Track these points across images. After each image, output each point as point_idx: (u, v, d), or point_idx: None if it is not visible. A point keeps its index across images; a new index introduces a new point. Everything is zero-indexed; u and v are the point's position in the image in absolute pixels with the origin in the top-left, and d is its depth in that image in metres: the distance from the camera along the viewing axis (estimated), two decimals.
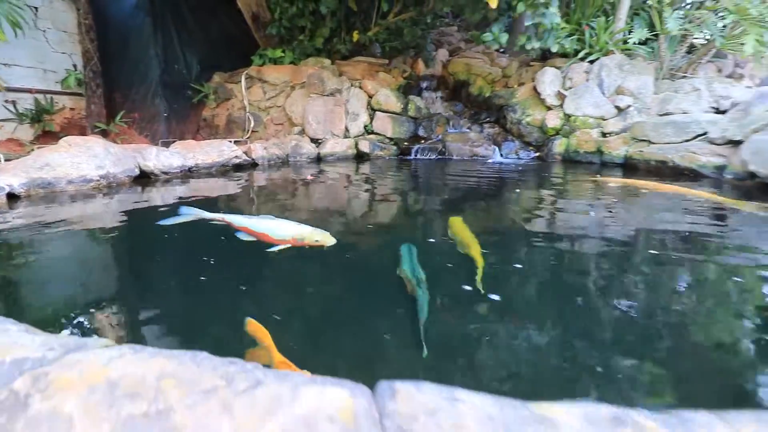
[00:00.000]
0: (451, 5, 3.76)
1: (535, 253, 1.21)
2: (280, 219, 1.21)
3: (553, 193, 2.09)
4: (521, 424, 0.33)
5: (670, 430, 0.34)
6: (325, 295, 0.95)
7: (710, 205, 1.66)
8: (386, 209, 1.88)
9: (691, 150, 2.36)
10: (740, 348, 0.74)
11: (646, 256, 1.17)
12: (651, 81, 3.24)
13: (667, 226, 1.45)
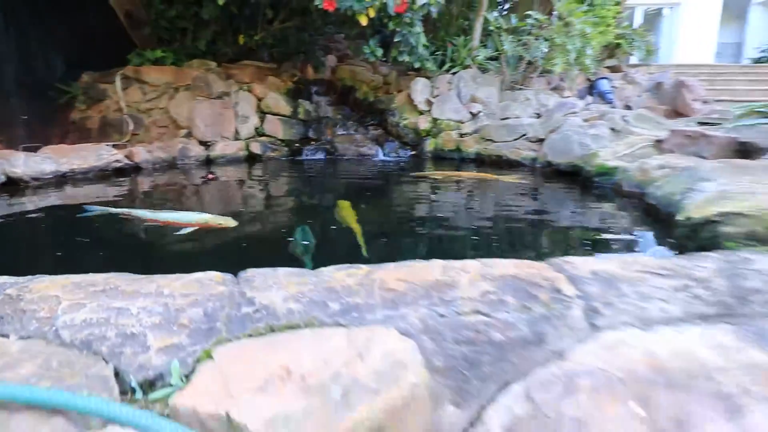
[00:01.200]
0: (330, 20, 4.16)
1: (399, 224, 1.66)
2: (183, 211, 1.45)
3: (406, 186, 2.64)
4: (316, 276, 0.71)
5: (483, 265, 0.73)
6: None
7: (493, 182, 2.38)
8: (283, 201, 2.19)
9: (516, 146, 3.14)
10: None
11: (458, 209, 1.71)
12: (496, 91, 4.09)
13: (464, 194, 2.06)
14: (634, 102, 5.49)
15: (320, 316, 0.61)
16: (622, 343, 0.58)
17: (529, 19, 3.92)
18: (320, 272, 0.72)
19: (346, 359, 0.51)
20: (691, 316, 0.64)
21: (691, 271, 0.70)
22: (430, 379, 0.52)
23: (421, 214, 1.97)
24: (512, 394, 0.53)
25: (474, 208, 2.09)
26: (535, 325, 0.60)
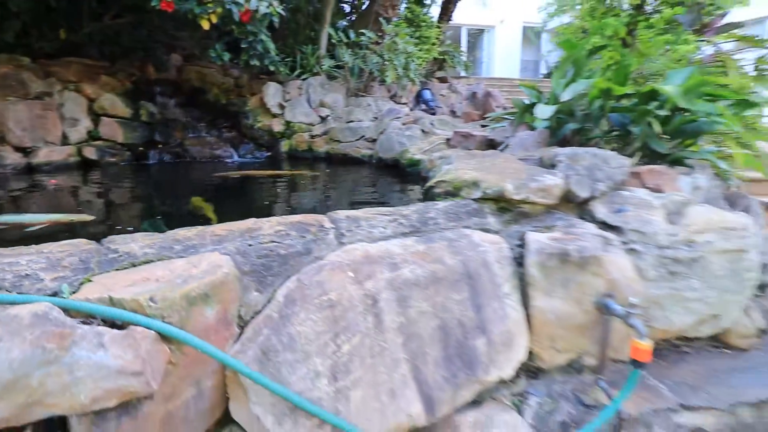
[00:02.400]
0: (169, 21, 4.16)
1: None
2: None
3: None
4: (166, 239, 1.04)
5: (281, 218, 1.12)
6: None
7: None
8: (130, 202, 2.29)
9: (357, 146, 3.75)
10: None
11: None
12: (342, 97, 4.68)
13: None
14: (457, 108, 6.79)
15: (168, 254, 0.96)
16: (354, 249, 1.09)
17: (363, 36, 4.61)
18: (168, 232, 1.06)
19: (185, 269, 0.89)
20: (397, 234, 1.20)
21: (401, 211, 1.27)
22: (240, 276, 0.94)
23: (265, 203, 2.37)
24: (290, 280, 0.98)
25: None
26: (307, 245, 1.06)
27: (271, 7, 3.39)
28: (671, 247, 1.26)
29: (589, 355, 1.24)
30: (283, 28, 5.33)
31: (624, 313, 1.08)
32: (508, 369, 1.10)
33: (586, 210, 1.45)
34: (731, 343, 1.42)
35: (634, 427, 1.16)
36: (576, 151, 1.51)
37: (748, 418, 1.23)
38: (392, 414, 0.92)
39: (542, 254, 1.15)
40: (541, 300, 1.16)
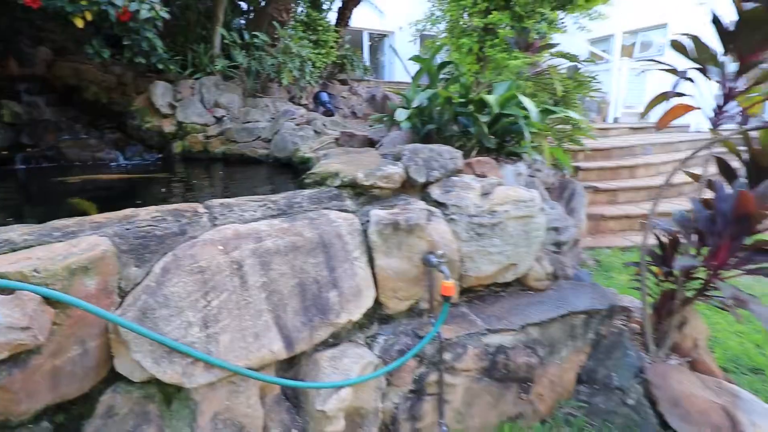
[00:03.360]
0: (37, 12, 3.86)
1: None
2: None
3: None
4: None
5: (157, 207, 1.28)
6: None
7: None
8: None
9: (254, 146, 3.90)
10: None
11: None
12: (238, 98, 4.75)
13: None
14: (357, 109, 7.20)
15: (48, 239, 1.12)
16: (225, 228, 1.33)
17: (257, 39, 4.74)
18: (47, 222, 1.20)
19: (65, 249, 1.06)
20: (266, 216, 1.47)
21: (270, 198, 1.55)
22: (119, 254, 1.13)
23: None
24: (167, 255, 1.20)
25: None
26: (182, 227, 1.28)
27: (153, 10, 3.37)
28: (478, 216, 1.72)
29: (424, 300, 1.64)
30: (172, 25, 5.20)
31: (436, 262, 1.49)
32: (356, 313, 1.44)
33: (426, 192, 1.87)
34: (531, 285, 1.95)
35: (454, 348, 1.58)
36: (417, 146, 1.92)
37: (534, 334, 1.74)
38: (256, 350, 1.20)
39: (380, 224, 1.51)
40: (382, 260, 1.53)
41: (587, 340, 1.91)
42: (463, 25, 3.32)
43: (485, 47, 3.22)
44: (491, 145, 2.38)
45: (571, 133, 3.80)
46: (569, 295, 1.94)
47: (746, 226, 1.58)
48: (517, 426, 1.74)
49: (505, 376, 1.69)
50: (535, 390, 1.79)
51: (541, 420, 1.83)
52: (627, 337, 1.98)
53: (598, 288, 2.05)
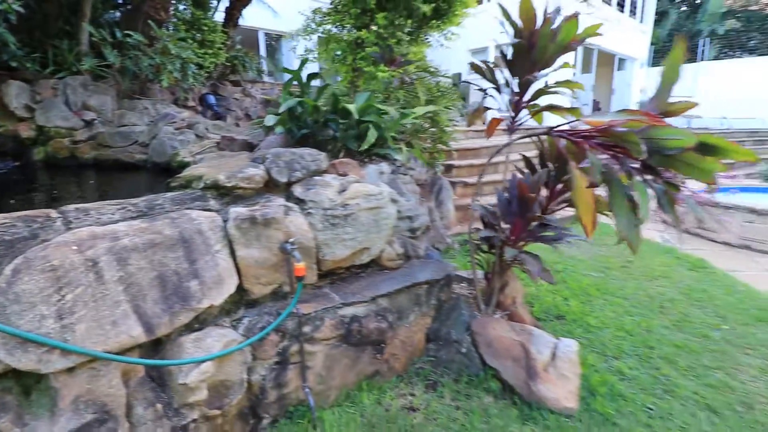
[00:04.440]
0: None
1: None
2: None
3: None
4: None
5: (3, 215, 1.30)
6: None
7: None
8: None
9: (130, 151, 3.79)
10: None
11: None
12: (111, 100, 4.51)
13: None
14: (252, 111, 7.19)
15: None
16: (80, 231, 1.45)
17: (130, 38, 4.54)
18: None
19: None
20: (125, 218, 1.60)
21: (131, 201, 1.68)
22: None
23: None
24: (18, 258, 1.29)
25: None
26: (33, 231, 1.37)
27: (4, 3, 3.11)
28: (332, 209, 2.04)
29: (286, 284, 1.91)
30: (28, 18, 4.69)
31: (290, 249, 1.77)
32: (219, 299, 1.66)
33: (290, 191, 2.14)
34: (385, 265, 2.34)
35: (314, 321, 1.88)
36: (279, 150, 2.18)
37: (384, 304, 2.12)
38: (115, 336, 1.35)
39: (238, 220, 1.74)
40: (243, 251, 1.76)
41: (431, 305, 2.36)
42: (337, 36, 3.65)
43: (357, 59, 3.59)
44: (354, 147, 2.73)
45: (440, 136, 4.38)
46: (416, 271, 2.37)
47: (527, 206, 2.14)
48: (374, 382, 2.10)
49: (360, 341, 2.04)
50: (389, 350, 2.17)
51: (397, 375, 2.22)
52: (463, 300, 2.48)
53: (441, 263, 2.52)
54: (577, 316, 2.72)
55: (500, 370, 2.08)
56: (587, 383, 2.05)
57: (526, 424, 1.83)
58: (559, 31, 2.02)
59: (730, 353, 2.35)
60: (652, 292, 3.12)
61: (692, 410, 1.91)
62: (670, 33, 19.32)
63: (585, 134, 1.89)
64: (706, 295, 3.07)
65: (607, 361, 2.27)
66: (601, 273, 3.48)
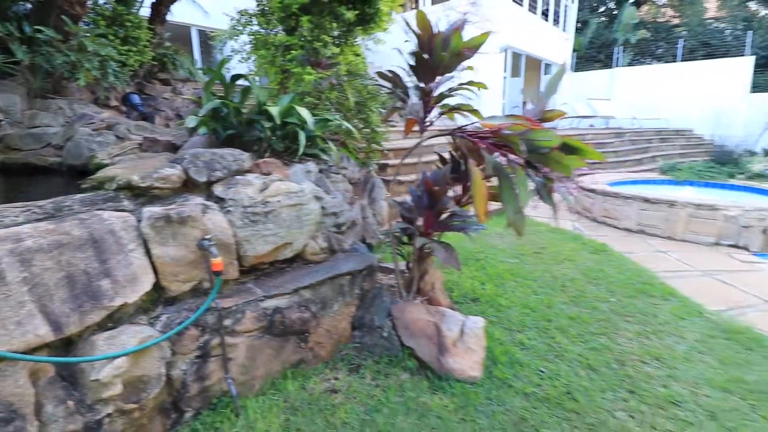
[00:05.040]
0: None
1: None
2: None
3: None
4: None
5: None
6: None
7: None
8: None
9: (43, 154, 3.58)
10: None
11: None
12: (20, 99, 4.21)
13: None
14: (184, 112, 6.96)
15: None
16: None
17: (41, 34, 4.27)
18: None
19: None
20: (30, 220, 1.60)
21: (37, 203, 1.67)
22: None
23: None
24: None
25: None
26: None
27: None
28: (252, 206, 2.13)
29: (206, 281, 1.97)
30: None
31: (207, 245, 1.85)
32: (133, 297, 1.69)
33: (211, 190, 2.19)
34: (310, 259, 2.47)
35: (234, 315, 1.96)
36: (198, 150, 2.23)
37: (307, 295, 2.24)
38: (20, 336, 1.36)
39: (152, 219, 1.79)
40: (158, 249, 1.81)
41: (354, 294, 2.52)
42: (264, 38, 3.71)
43: (285, 61, 3.66)
44: (279, 148, 2.82)
45: (373, 136, 4.57)
46: (340, 263, 2.51)
47: (435, 200, 2.37)
48: (300, 370, 2.22)
49: (284, 331, 2.15)
50: (313, 339, 2.30)
51: (323, 362, 2.35)
52: (386, 289, 2.67)
53: (365, 255, 2.69)
54: (491, 297, 3.02)
55: (415, 349, 2.28)
56: (491, 354, 2.31)
57: (436, 393, 2.04)
58: (450, 41, 2.25)
59: (613, 321, 2.74)
60: (557, 273, 3.51)
61: (576, 370, 2.22)
62: (590, 41, 21.13)
63: (481, 135, 2.15)
64: (602, 274, 3.52)
65: (512, 334, 2.56)
66: (516, 259, 3.85)
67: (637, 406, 1.95)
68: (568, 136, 1.90)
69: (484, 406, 1.94)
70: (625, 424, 1.84)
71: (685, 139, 13.69)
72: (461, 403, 1.96)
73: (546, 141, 1.85)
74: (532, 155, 1.95)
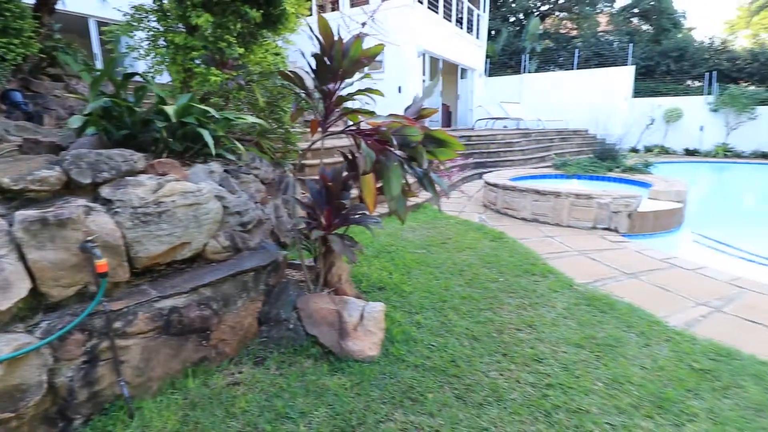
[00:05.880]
0: None
1: None
2: None
3: None
4: None
5: None
6: None
7: None
8: None
9: None
10: None
11: None
12: None
13: None
14: (78, 110, 6.40)
15: None
16: None
17: None
18: None
19: None
20: None
21: None
22: None
23: None
24: None
25: None
26: None
27: None
28: (143, 207, 2.11)
29: (92, 284, 1.93)
30: None
31: (89, 248, 1.82)
32: (6, 304, 1.62)
33: (98, 192, 2.13)
34: (211, 258, 2.49)
35: (125, 317, 1.94)
36: (81, 152, 2.16)
37: (207, 293, 2.28)
38: None
39: (25, 222, 1.72)
40: (34, 253, 1.74)
41: (260, 290, 2.59)
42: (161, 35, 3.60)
43: (187, 60, 3.59)
44: (177, 148, 2.80)
45: (287, 137, 4.62)
46: (245, 261, 2.57)
47: (332, 195, 2.53)
48: (202, 367, 2.25)
49: (182, 330, 2.16)
50: (216, 336, 2.34)
51: (229, 359, 2.40)
52: (293, 283, 2.78)
53: (270, 252, 2.77)
54: (396, 285, 3.25)
55: (319, 336, 2.42)
56: (390, 335, 2.52)
57: (335, 374, 2.20)
58: (350, 48, 2.43)
59: (499, 298, 3.11)
60: (458, 260, 3.87)
61: (462, 341, 2.52)
62: (503, 48, 22.86)
63: (366, 132, 2.35)
64: (496, 258, 3.94)
65: (411, 316, 2.80)
66: (423, 250, 4.16)
67: (507, 366, 2.28)
68: (438, 130, 2.17)
69: (378, 380, 2.14)
70: (495, 381, 2.15)
71: (581, 138, 15.44)
72: (357, 380, 2.13)
73: (414, 136, 2.09)
74: (406, 148, 2.19)
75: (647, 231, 5.09)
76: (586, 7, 24.56)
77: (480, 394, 2.05)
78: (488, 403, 1.99)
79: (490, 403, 1.98)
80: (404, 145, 2.12)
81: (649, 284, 3.48)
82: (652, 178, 6.67)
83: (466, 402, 1.99)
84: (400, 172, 2.14)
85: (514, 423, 1.86)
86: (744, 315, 2.94)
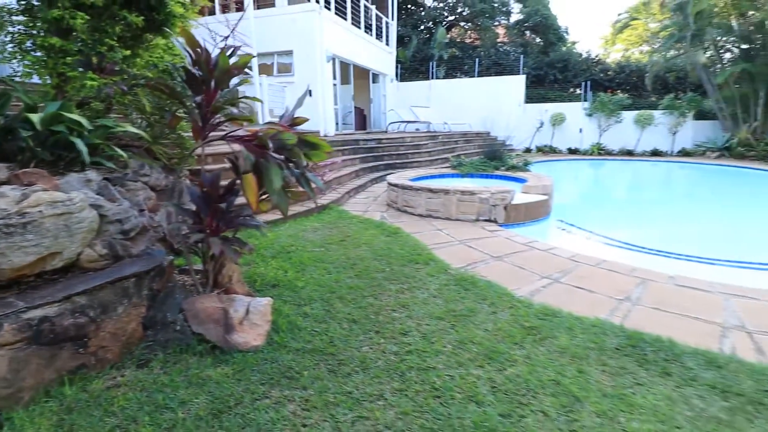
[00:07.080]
0: None
1: None
2: None
3: None
4: None
5: None
6: None
7: None
8: None
9: None
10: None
11: None
12: None
13: None
14: None
15: None
16: None
17: None
18: None
19: None
20: None
21: None
22: None
23: None
24: None
25: None
26: None
27: None
28: (4, 219, 2.09)
29: None
30: None
31: None
32: None
33: None
34: (87, 267, 2.50)
35: None
36: None
37: (82, 301, 2.30)
38: None
39: None
40: None
41: (143, 295, 2.65)
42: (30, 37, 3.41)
43: (60, 64, 3.44)
44: (46, 157, 2.73)
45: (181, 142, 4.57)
46: (125, 267, 2.61)
47: (212, 199, 2.68)
48: (80, 375, 2.27)
49: (54, 339, 2.17)
50: (95, 343, 2.37)
51: (111, 365, 2.43)
52: (180, 287, 2.87)
53: (155, 257, 2.83)
54: (290, 282, 3.48)
55: (205, 333, 2.57)
56: (276, 326, 2.75)
57: (219, 366, 2.37)
58: (218, 60, 2.61)
59: (383, 285, 3.50)
60: (352, 255, 4.20)
61: (342, 325, 2.83)
62: (414, 54, 24.04)
63: (246, 138, 2.55)
64: (388, 251, 4.35)
65: (300, 308, 3.05)
66: (322, 248, 4.43)
67: (377, 341, 2.64)
68: (310, 134, 2.46)
69: (259, 366, 2.36)
70: (366, 354, 2.49)
71: (482, 139, 16.94)
72: (239, 368, 2.33)
73: (289, 140, 2.36)
74: (283, 151, 2.45)
75: (520, 221, 5.92)
76: (486, 19, 26.77)
77: (350, 366, 2.37)
78: (356, 372, 2.32)
79: (357, 372, 2.31)
80: (281, 148, 2.37)
81: (510, 264, 4.13)
82: (528, 175, 7.71)
83: (337, 374, 2.30)
84: (279, 171, 2.38)
85: (374, 384, 2.21)
86: (574, 283, 3.67)
